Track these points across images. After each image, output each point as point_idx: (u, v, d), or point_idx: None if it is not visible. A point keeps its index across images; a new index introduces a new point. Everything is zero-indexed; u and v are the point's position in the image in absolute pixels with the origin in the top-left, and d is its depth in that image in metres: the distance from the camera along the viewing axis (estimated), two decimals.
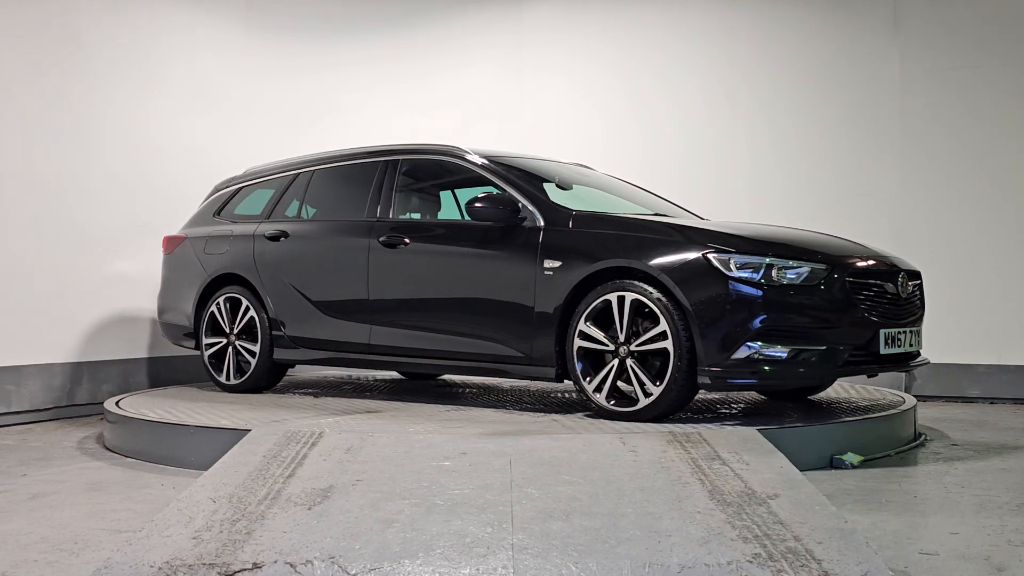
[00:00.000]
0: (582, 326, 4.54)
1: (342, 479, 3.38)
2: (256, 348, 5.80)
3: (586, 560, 2.65)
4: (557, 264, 4.65)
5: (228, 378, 5.94)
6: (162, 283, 6.48)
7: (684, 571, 2.58)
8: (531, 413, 4.91)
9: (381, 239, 5.32)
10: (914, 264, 5.05)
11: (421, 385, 6.53)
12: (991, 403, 6.72)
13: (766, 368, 4.21)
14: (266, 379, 5.91)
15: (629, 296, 4.40)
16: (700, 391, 4.45)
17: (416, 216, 5.79)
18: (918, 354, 4.83)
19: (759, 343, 4.20)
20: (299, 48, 8.13)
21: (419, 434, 4.16)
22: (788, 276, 4.28)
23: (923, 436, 5.17)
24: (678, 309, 4.29)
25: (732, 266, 4.25)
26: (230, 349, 5.95)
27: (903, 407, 5.00)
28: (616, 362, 4.46)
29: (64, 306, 6.42)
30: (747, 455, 3.67)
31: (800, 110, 7.41)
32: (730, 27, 7.61)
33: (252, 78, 7.86)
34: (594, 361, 4.57)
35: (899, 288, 4.64)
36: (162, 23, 7.21)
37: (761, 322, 4.19)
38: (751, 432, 4.06)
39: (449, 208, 5.95)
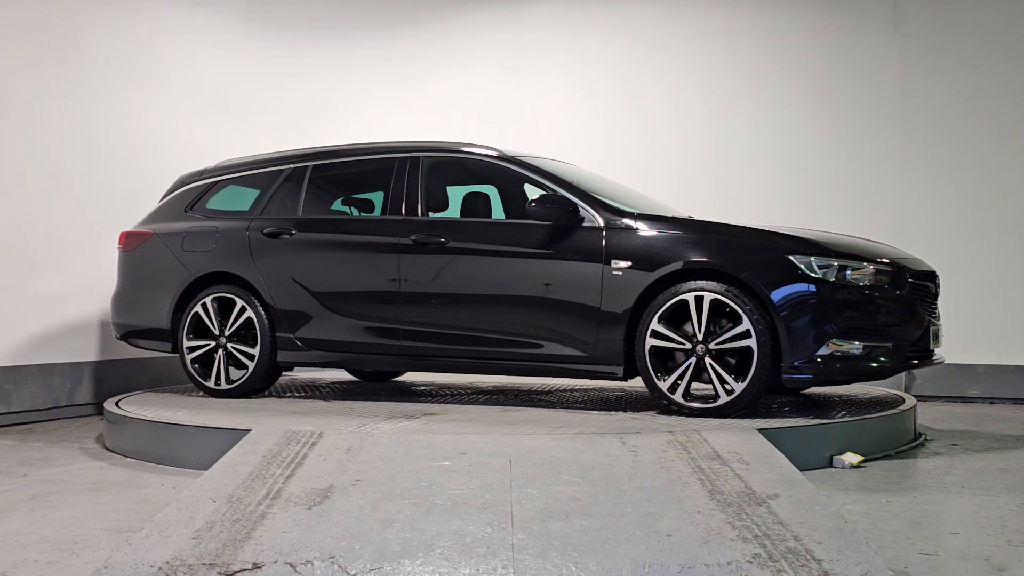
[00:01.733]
0: (655, 325, 4.58)
1: (342, 479, 3.38)
2: (255, 351, 5.48)
3: (586, 560, 2.65)
4: (626, 264, 4.69)
5: (218, 383, 5.57)
6: (121, 282, 6.02)
7: (684, 571, 2.58)
8: (599, 412, 4.87)
9: (412, 238, 5.17)
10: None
11: (408, 386, 6.53)
12: (991, 403, 6.72)
13: (844, 364, 4.44)
14: (264, 383, 5.60)
15: (708, 296, 4.48)
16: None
17: (444, 214, 5.60)
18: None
19: (839, 340, 4.41)
20: (299, 48, 8.13)
21: (419, 434, 4.16)
22: (860, 277, 4.51)
23: (923, 436, 5.17)
24: (758, 308, 4.40)
25: (814, 267, 4.44)
26: (220, 352, 5.59)
27: (903, 407, 5.01)
28: (693, 360, 4.52)
29: (64, 305, 6.41)
30: (747, 455, 3.67)
31: (800, 110, 7.42)
32: (730, 27, 7.61)
33: (252, 78, 7.86)
34: (663, 360, 4.63)
35: (936, 288, 4.93)
36: (162, 23, 7.21)
37: (841, 320, 4.41)
38: (751, 432, 4.07)
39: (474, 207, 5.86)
